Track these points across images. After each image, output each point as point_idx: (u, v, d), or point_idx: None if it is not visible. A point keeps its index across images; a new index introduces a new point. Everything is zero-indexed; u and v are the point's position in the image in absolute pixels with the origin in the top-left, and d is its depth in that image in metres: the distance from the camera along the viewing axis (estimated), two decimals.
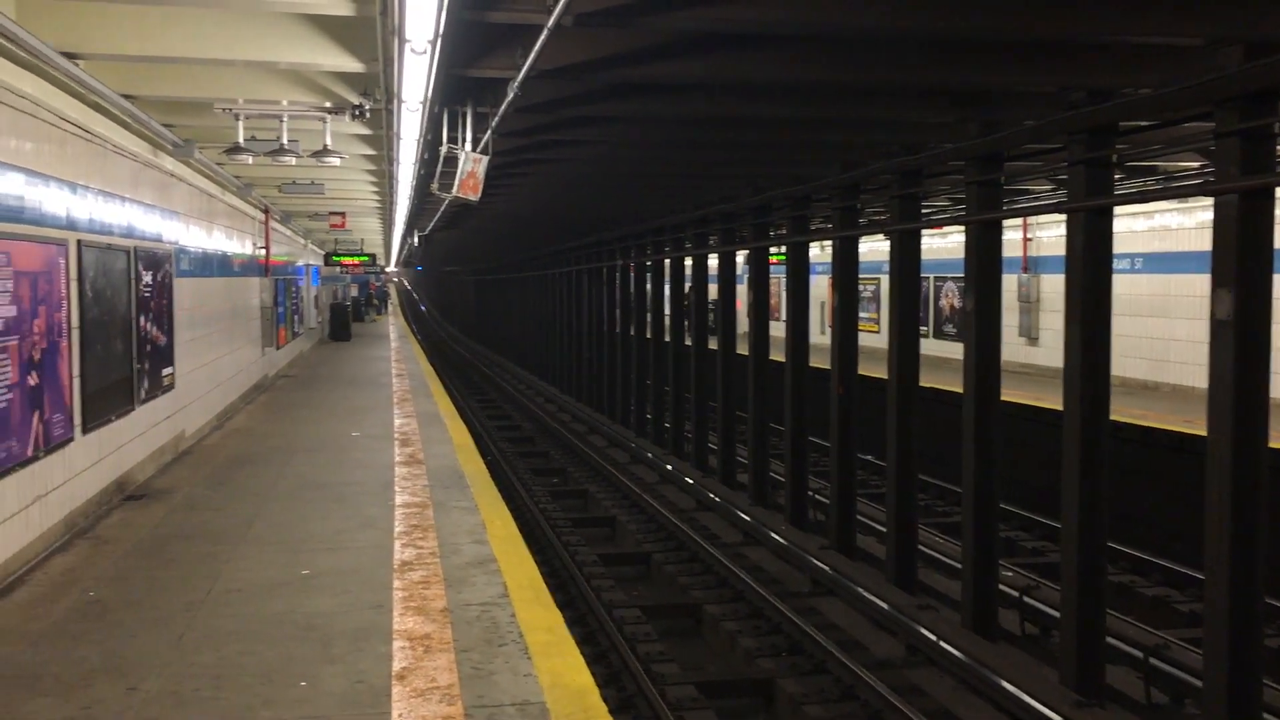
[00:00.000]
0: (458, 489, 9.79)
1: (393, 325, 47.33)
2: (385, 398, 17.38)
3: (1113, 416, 7.73)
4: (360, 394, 18.16)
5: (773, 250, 16.29)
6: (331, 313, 35.39)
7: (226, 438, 13.37)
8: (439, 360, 38.68)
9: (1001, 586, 9.19)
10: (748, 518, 12.80)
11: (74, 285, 8.15)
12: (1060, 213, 7.81)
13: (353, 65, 7.37)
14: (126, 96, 8.55)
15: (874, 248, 24.16)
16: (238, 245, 16.29)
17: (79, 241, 8.27)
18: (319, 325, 32.35)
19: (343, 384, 20.11)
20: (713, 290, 18.29)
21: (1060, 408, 7.57)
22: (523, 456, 18.93)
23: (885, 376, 10.22)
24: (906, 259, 9.98)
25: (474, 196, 8.38)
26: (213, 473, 10.89)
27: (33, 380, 7.23)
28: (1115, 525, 10.38)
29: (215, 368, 14.28)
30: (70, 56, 7.17)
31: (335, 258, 29.87)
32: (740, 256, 19.90)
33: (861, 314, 13.60)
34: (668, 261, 18.40)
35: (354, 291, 53.93)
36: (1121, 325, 14.69)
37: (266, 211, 18.48)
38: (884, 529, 11.27)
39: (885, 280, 17.72)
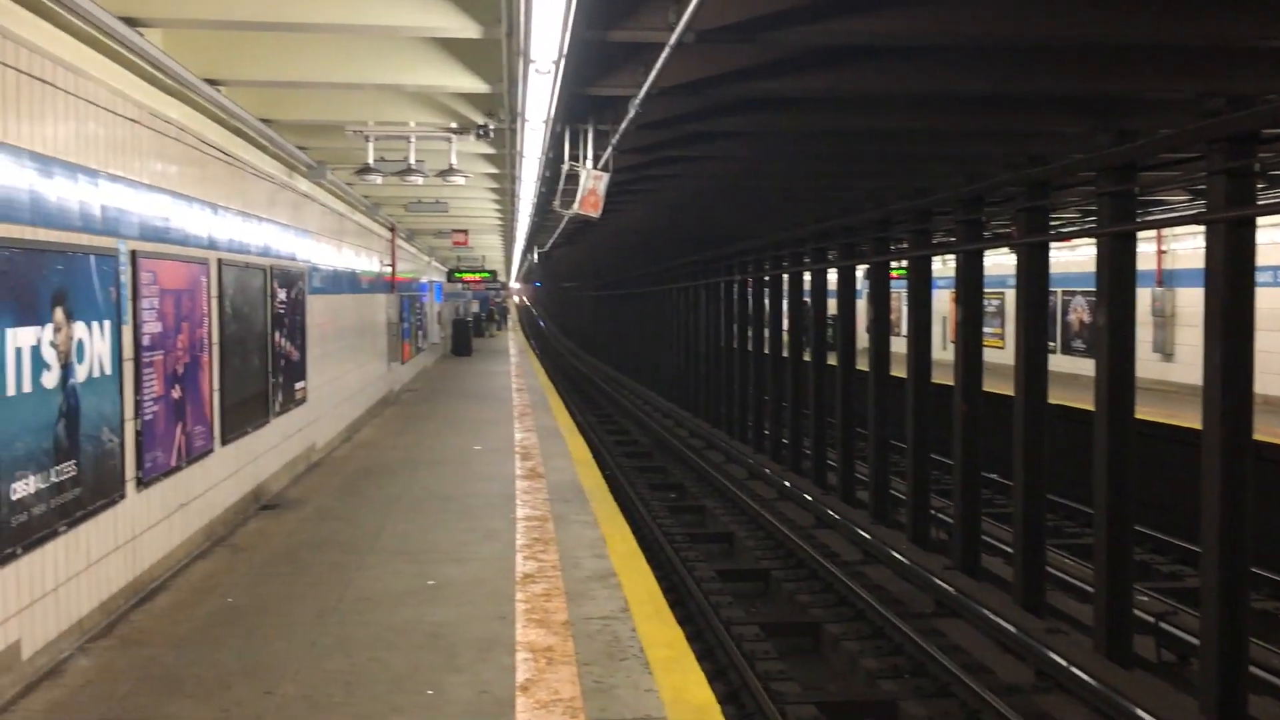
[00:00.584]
0: (577, 503, 9.86)
1: (512, 341, 48.07)
2: (506, 412, 17.64)
3: (1255, 436, 7.37)
4: (481, 408, 18.46)
5: (893, 264, 16.04)
6: (454, 328, 36.09)
7: (355, 450, 13.72)
8: (557, 375, 39.06)
9: (1136, 611, 8.83)
10: (868, 536, 12.59)
11: (214, 302, 8.47)
12: (1199, 224, 7.49)
13: (478, 86, 7.52)
14: (264, 120, 8.89)
15: (998, 261, 23.59)
16: (366, 263, 16.76)
17: (219, 260, 8.60)
18: (441, 340, 33.03)
19: (465, 398, 20.48)
20: (831, 305, 18.09)
21: (1199, 426, 7.30)
22: (640, 472, 18.97)
23: (1010, 393, 9.95)
24: (1034, 273, 9.71)
25: (594, 213, 8.46)
26: (342, 484, 11.18)
27: (176, 393, 7.53)
28: (1262, 550, 9.89)
29: (344, 382, 14.68)
30: (213, 83, 7.48)
31: (457, 274, 30.48)
32: (859, 271, 19.68)
33: (985, 329, 13.26)
34: (786, 276, 18.27)
35: (475, 307, 55.00)
36: (1265, 341, 14.04)
37: (393, 229, 18.97)
38: (1010, 550, 10.93)
39: (1011, 295, 17.25)
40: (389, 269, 18.90)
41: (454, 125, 9.04)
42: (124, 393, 6.57)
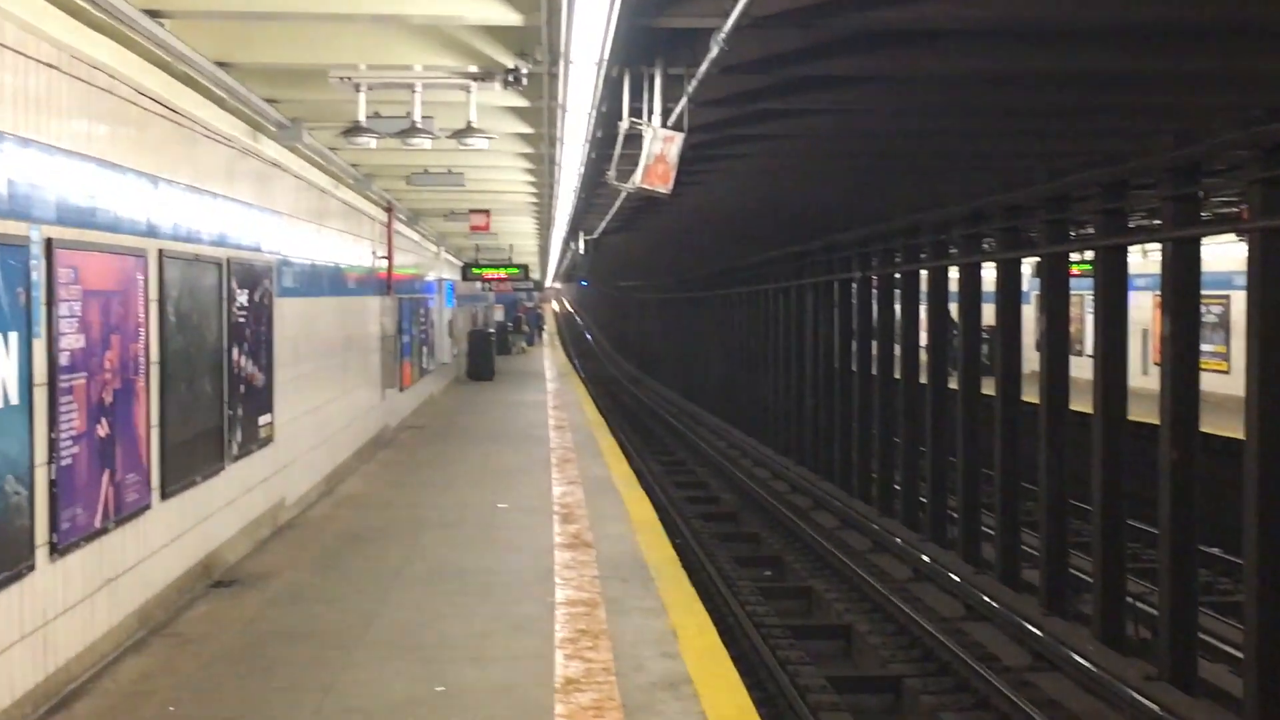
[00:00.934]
0: (638, 582, 9.89)
1: (549, 359, 48.39)
2: (541, 457, 17.74)
3: None
4: (508, 452, 18.57)
5: (1073, 258, 15.92)
6: (471, 343, 36.43)
7: (338, 507, 13.86)
8: (610, 406, 39.16)
9: None
10: (1039, 632, 12.46)
11: (154, 308, 8.64)
12: None
13: (507, 16, 7.59)
14: (221, 65, 9.05)
15: (1221, 252, 23.24)
16: (354, 255, 16.98)
17: (160, 252, 8.77)
18: (454, 359, 33.38)
19: (485, 438, 20.59)
20: (984, 313, 17.95)
21: None
22: (723, 540, 18.96)
23: (1243, 436, 9.81)
24: (1276, 267, 9.60)
25: (664, 188, 8.50)
26: (321, 554, 11.31)
27: (103, 430, 7.69)
28: None
29: (324, 415, 14.86)
30: (154, 15, 7.62)
31: (476, 270, 30.79)
32: (1027, 266, 19.49)
33: (1204, 346, 13.11)
34: (924, 273, 18.21)
35: (499, 315, 55.42)
36: None
37: (390, 210, 19.20)
38: (1242, 654, 10.75)
39: (1240, 299, 17.05)
40: (384, 263, 19.13)
41: (473, 69, 9.14)
42: (34, 429, 6.72)
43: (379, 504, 14.10)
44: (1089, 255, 14.87)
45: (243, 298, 10.86)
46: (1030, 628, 12.65)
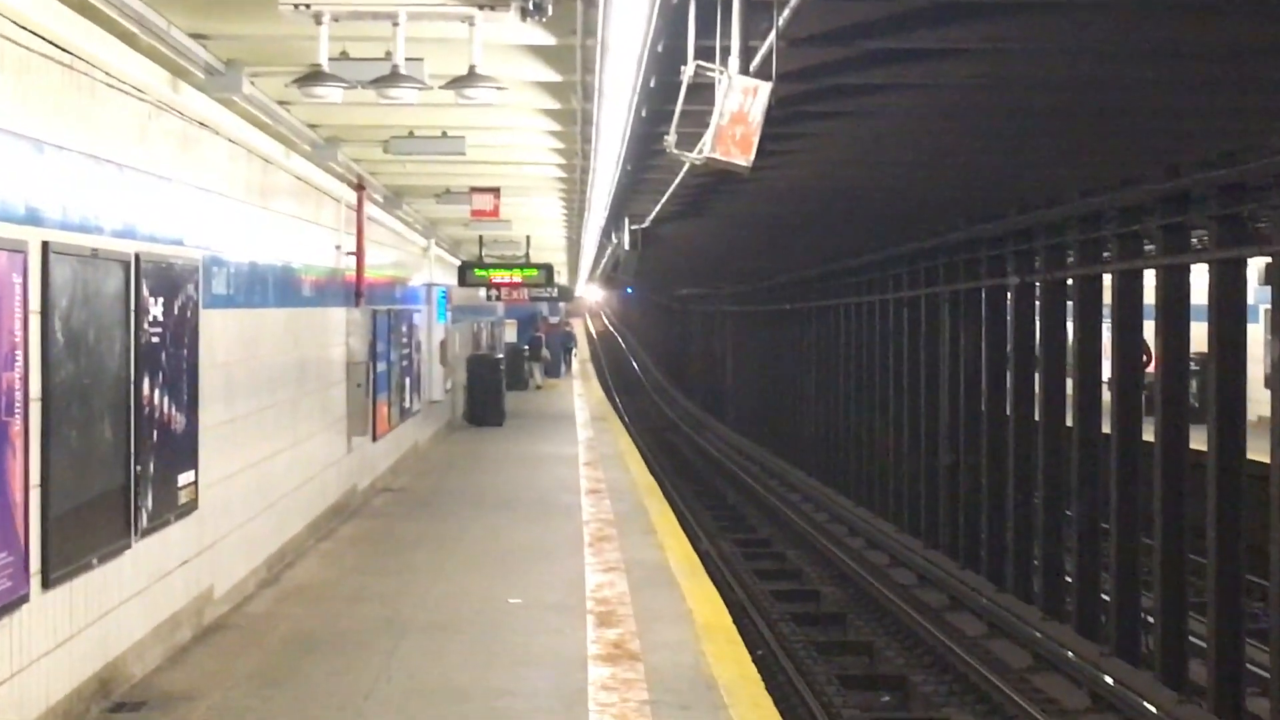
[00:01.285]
0: (704, 709, 9.82)
1: (581, 395, 48.38)
2: (569, 534, 17.71)
3: None
4: (524, 526, 18.56)
5: None
6: (471, 374, 36.43)
7: (285, 601, 13.85)
8: (666, 462, 39.06)
9: None
10: None
11: (35, 323, 8.66)
12: None
13: None
14: None
15: None
16: (310, 250, 17.00)
17: (45, 245, 8.78)
18: (448, 396, 33.38)
19: (492, 506, 20.55)
20: (1189, 333, 17.74)
21: None
22: (823, 652, 18.80)
23: None
24: None
25: (743, 160, 8.43)
26: (261, 667, 11.27)
27: None
28: None
29: (267, 473, 14.87)
30: None
31: (479, 272, 30.81)
32: (1253, 267, 19.25)
33: None
34: (1109, 277, 18.04)
35: (511, 334, 55.44)
36: None
37: (361, 189, 19.24)
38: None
39: None
40: (352, 261, 19.14)
41: None
42: None
43: (343, 596, 14.10)
44: None
45: (158, 309, 10.87)
46: None
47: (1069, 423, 19.28)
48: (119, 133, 10.20)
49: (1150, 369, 18.90)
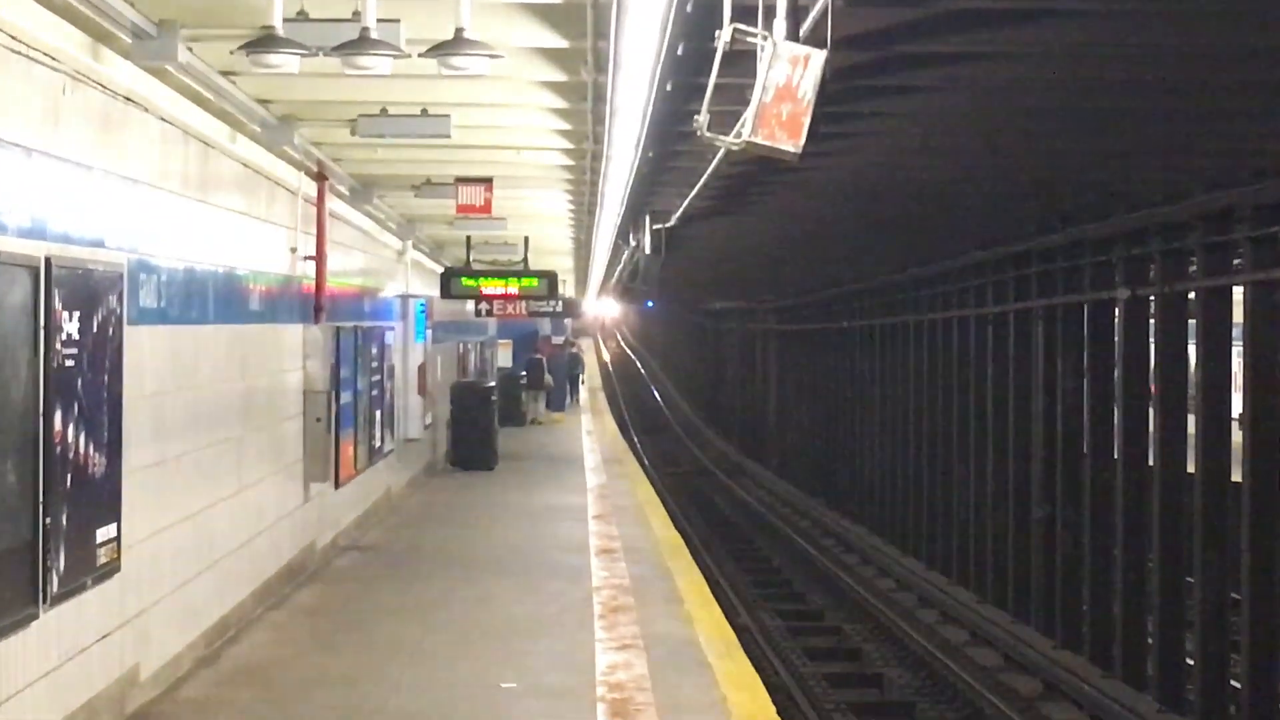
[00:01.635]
0: None
1: (591, 430, 48.25)
2: (575, 602, 17.70)
3: None
4: (519, 593, 18.54)
5: None
6: (457, 406, 36.31)
7: (227, 686, 13.78)
8: (695, 514, 38.94)
9: None
10: None
11: None
12: None
13: None
14: None
15: None
16: (259, 254, 16.96)
17: None
18: (427, 433, 33.32)
19: (482, 568, 20.51)
20: None
21: None
22: None
23: None
24: None
25: (790, 145, 8.43)
26: None
27: None
28: None
29: (206, 527, 14.82)
30: None
31: (466, 281, 30.75)
32: None
33: None
34: (1240, 290, 17.96)
35: (504, 357, 55.33)
36: None
37: (322, 178, 19.22)
38: None
39: None
40: (310, 264, 19.11)
41: None
42: None
43: (298, 680, 14.05)
44: None
45: (73, 326, 10.84)
46: None
47: (1190, 468, 19.21)
48: (26, 110, 10.17)
49: None
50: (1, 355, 9.68)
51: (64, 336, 10.67)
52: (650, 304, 77.38)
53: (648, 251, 24.65)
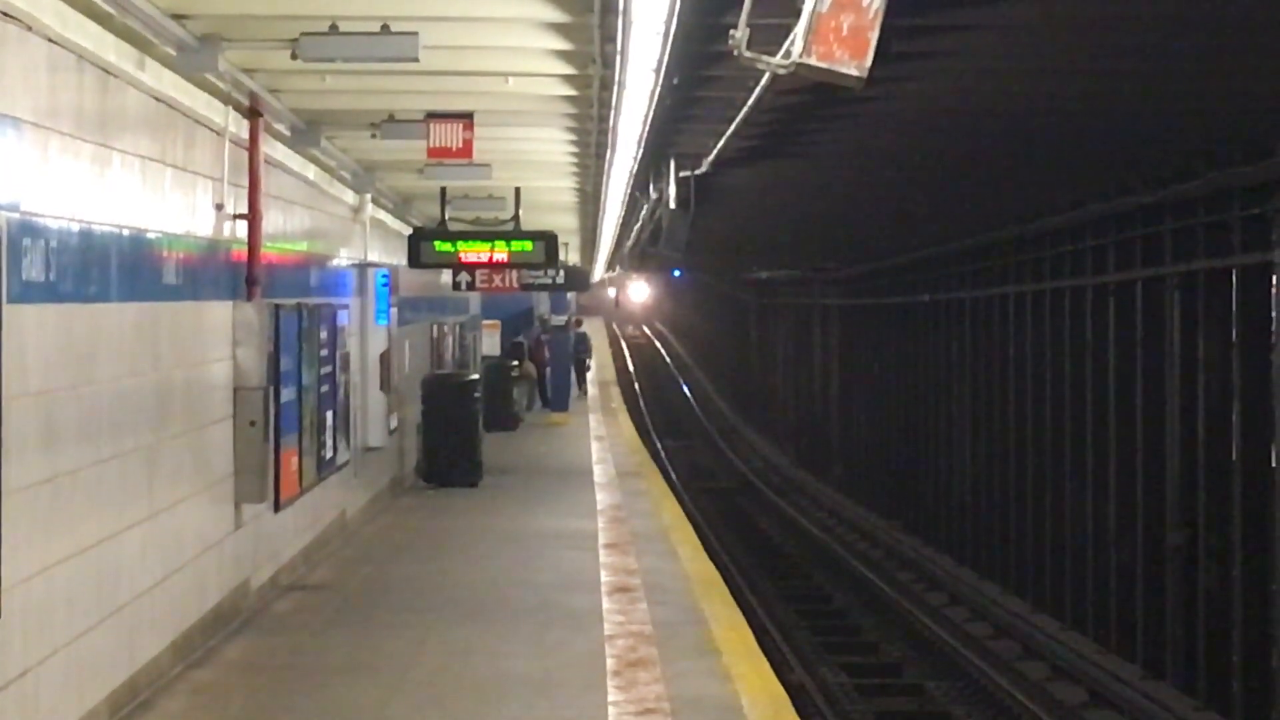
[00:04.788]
0: None
1: (600, 437, 48.23)
2: (583, 656, 17.74)
3: None
4: (510, 643, 18.58)
5: None
6: (430, 404, 36.29)
7: None
8: (737, 543, 38.95)
9: None
10: None
11: None
12: None
13: None
14: None
15: None
16: (175, 211, 16.94)
17: None
18: (393, 439, 33.34)
19: (460, 613, 20.53)
20: None
21: None
22: None
23: None
24: None
25: (854, 66, 8.46)
26: None
27: None
28: None
29: (109, 561, 14.78)
30: None
31: (441, 245, 30.74)
32: None
33: None
34: None
35: (491, 342, 55.34)
36: None
37: (256, 114, 19.24)
38: None
39: None
40: (241, 225, 19.13)
41: None
42: None
43: None
44: None
45: None
46: None
47: None
48: None
49: None
50: None
51: None
52: (677, 273, 77.48)
53: (672, 206, 24.72)
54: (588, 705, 15.52)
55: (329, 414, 25.22)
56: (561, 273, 37.66)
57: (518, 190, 30.86)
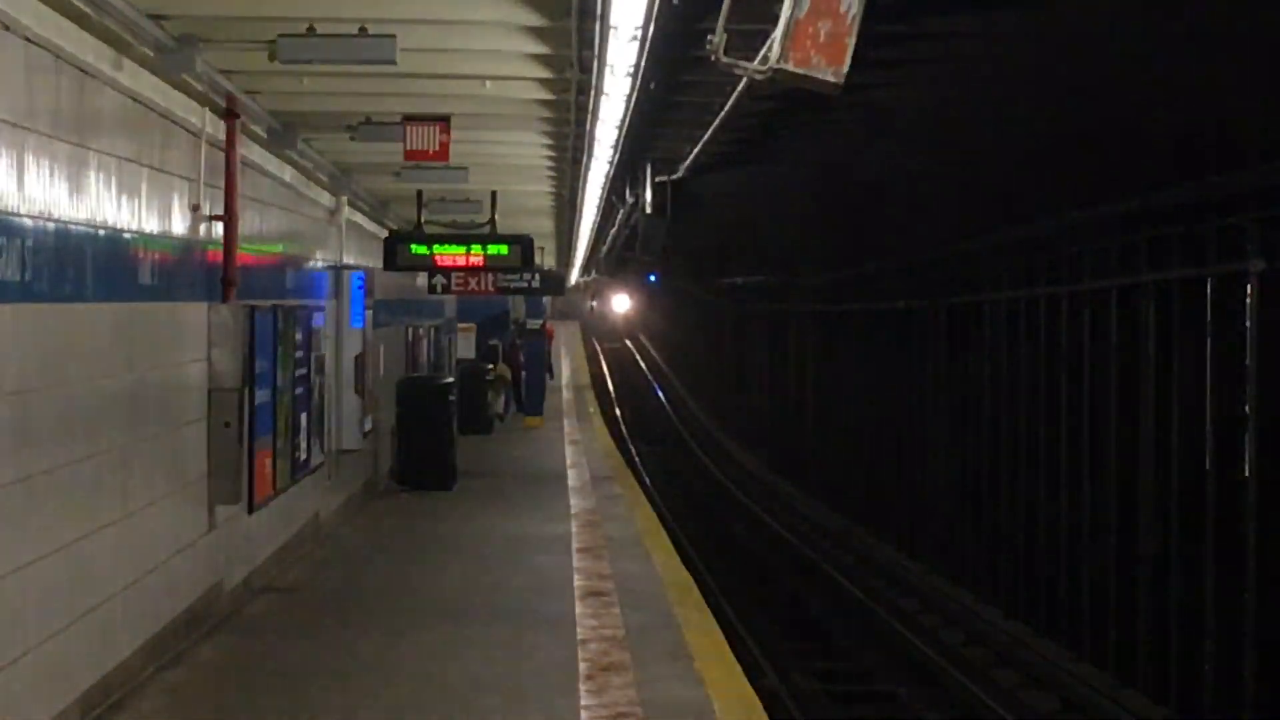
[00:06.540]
0: None
1: (575, 441, 48.22)
2: (556, 661, 17.76)
3: None
4: (482, 647, 18.57)
5: None
6: (405, 407, 36.25)
7: None
8: (711, 548, 38.98)
9: None
10: None
11: None
12: None
13: None
14: None
15: None
16: (151, 212, 16.92)
17: None
18: (368, 442, 33.29)
19: (432, 616, 20.56)
20: None
21: None
22: None
23: None
24: None
25: (832, 72, 8.46)
26: None
27: None
28: None
29: (81, 562, 14.77)
30: None
31: (417, 248, 30.74)
32: None
33: None
34: None
35: (466, 345, 55.26)
36: None
37: (233, 115, 19.22)
38: None
39: None
40: (217, 230, 19.12)
41: None
42: None
43: None
44: None
45: None
46: None
47: None
48: None
49: None
50: None
51: None
52: (654, 278, 77.49)
53: (649, 211, 24.73)
54: (560, 709, 15.52)
55: (304, 416, 25.20)
56: (537, 276, 37.62)
57: (494, 194, 30.89)
